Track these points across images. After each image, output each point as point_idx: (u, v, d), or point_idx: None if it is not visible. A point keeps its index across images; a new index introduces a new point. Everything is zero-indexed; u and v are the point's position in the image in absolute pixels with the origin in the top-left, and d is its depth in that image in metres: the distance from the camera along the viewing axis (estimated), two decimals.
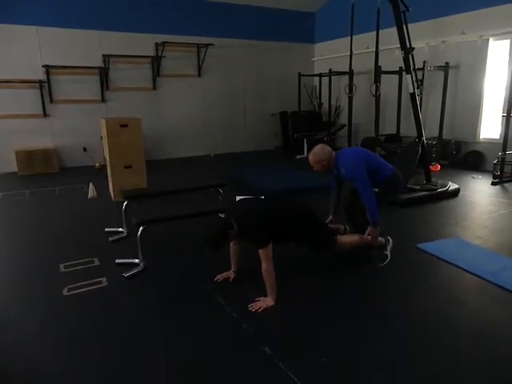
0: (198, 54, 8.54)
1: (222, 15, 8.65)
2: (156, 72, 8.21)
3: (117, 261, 3.25)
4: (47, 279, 3.02)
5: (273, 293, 2.59)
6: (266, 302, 2.57)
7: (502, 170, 5.81)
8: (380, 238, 3.20)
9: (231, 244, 2.86)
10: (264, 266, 2.56)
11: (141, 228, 3.03)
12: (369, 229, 3.02)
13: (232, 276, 2.92)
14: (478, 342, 2.22)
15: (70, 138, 7.63)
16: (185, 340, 2.26)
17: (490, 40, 6.45)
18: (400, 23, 4.82)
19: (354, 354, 2.12)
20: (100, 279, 2.97)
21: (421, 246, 3.49)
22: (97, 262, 3.29)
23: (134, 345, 2.23)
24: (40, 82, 7.19)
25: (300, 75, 9.18)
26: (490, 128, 6.80)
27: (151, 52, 8.10)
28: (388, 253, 3.18)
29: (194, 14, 8.36)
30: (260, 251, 2.56)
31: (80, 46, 7.45)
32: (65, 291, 2.80)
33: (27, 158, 7.00)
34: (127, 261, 3.24)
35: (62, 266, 3.21)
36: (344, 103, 8.77)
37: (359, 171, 2.96)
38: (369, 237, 3.03)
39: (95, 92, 7.73)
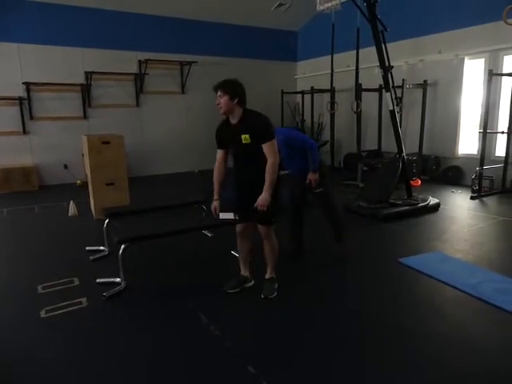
0: (182, 71, 8.60)
1: (206, 33, 8.76)
2: (139, 89, 8.21)
3: (98, 280, 3.18)
4: (24, 301, 2.92)
5: (269, 188, 2.62)
6: (262, 199, 2.61)
7: (480, 185, 5.95)
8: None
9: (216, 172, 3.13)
10: (272, 160, 2.62)
11: (122, 246, 2.98)
12: (310, 173, 3.38)
13: (214, 204, 3.02)
14: (462, 352, 2.24)
15: (51, 155, 7.52)
16: (167, 360, 2.20)
17: (466, 59, 6.68)
18: (379, 42, 4.96)
19: (342, 368, 2.10)
20: (80, 299, 2.89)
21: (403, 260, 3.52)
22: (77, 282, 3.20)
23: (114, 364, 2.17)
24: (20, 98, 7.10)
25: (283, 92, 9.32)
26: (467, 144, 6.98)
27: (134, 69, 8.12)
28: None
29: (177, 31, 8.44)
30: (268, 144, 2.61)
31: (62, 62, 7.41)
32: (42, 313, 2.71)
33: (5, 175, 6.85)
34: (108, 280, 3.17)
35: (40, 286, 3.12)
36: (326, 120, 8.91)
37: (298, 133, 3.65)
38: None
39: (77, 109, 7.67)
